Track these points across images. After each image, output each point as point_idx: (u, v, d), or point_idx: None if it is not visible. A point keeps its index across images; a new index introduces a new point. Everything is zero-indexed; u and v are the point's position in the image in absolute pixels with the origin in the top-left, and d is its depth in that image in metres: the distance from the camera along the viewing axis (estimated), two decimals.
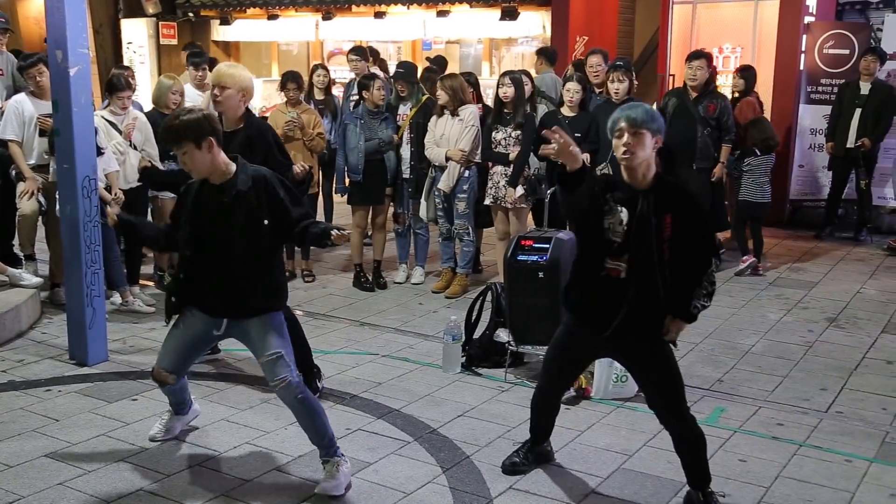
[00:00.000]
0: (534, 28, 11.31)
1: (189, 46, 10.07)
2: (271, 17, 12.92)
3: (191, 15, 13.56)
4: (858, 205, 9.03)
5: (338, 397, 4.85)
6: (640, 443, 4.33)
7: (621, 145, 3.41)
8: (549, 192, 6.29)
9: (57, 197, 5.53)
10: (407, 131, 7.08)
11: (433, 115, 6.88)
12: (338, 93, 8.77)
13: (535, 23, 11.25)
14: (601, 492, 3.86)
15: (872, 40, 9.35)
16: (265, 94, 12.49)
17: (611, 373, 4.82)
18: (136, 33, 13.62)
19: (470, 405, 4.78)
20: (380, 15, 11.96)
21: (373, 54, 9.52)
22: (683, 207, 3.49)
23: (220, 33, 13.64)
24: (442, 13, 11.62)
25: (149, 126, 6.55)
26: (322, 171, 7.90)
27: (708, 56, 7.50)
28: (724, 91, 8.29)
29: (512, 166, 6.58)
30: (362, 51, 8.58)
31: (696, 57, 7.43)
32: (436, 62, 9.21)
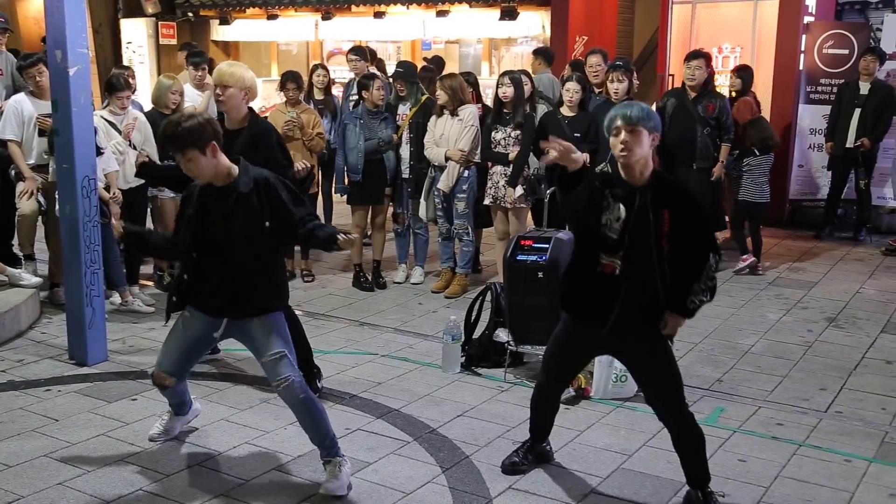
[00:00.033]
0: (533, 28, 11.31)
1: (186, 46, 10.05)
2: (271, 16, 12.91)
3: (190, 15, 13.55)
4: (858, 205, 9.04)
5: (337, 397, 4.85)
6: (639, 443, 4.33)
7: (618, 143, 3.43)
8: (548, 191, 6.29)
9: (56, 197, 5.53)
10: (406, 131, 7.08)
11: (433, 115, 6.88)
12: (337, 93, 8.76)
13: (535, 23, 11.24)
14: (601, 491, 3.86)
15: (872, 40, 9.35)
16: (265, 93, 12.46)
17: (610, 373, 4.83)
18: (135, 33, 13.62)
19: (469, 405, 4.79)
20: (379, 15, 11.96)
21: (370, 55, 9.50)
22: (681, 203, 3.50)
23: (219, 33, 13.64)
24: (441, 13, 11.61)
25: (148, 126, 6.55)
26: (322, 171, 7.90)
27: (706, 56, 7.50)
28: (721, 91, 8.28)
29: (511, 166, 6.58)
30: (362, 51, 8.57)
31: (695, 57, 7.44)
32: (433, 62, 9.21)
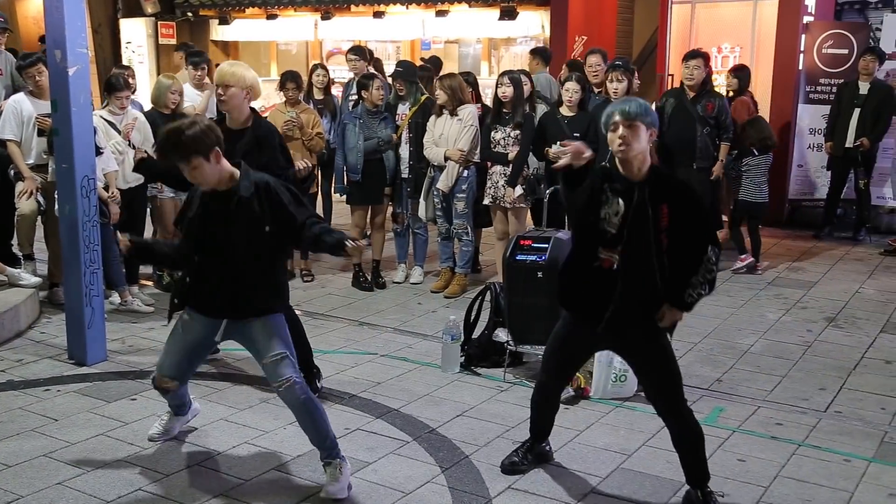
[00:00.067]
0: (533, 28, 11.31)
1: (182, 47, 10.06)
2: (270, 16, 12.91)
3: (189, 15, 13.55)
4: (857, 204, 9.04)
5: (337, 397, 4.85)
6: (638, 442, 4.33)
7: (617, 138, 3.45)
8: (547, 191, 6.29)
9: (56, 196, 5.53)
10: (406, 131, 7.08)
11: (432, 115, 6.88)
12: (337, 92, 8.76)
13: (534, 22, 11.24)
14: (600, 491, 3.86)
15: (871, 40, 9.35)
16: (264, 93, 12.43)
17: (609, 372, 4.83)
18: (134, 33, 13.62)
19: (469, 405, 4.79)
20: (379, 15, 11.96)
21: (368, 54, 9.49)
22: (679, 197, 3.52)
23: (218, 33, 13.63)
24: (441, 13, 11.61)
25: (148, 126, 6.55)
26: (321, 171, 7.89)
27: (704, 55, 7.50)
28: (719, 91, 8.28)
29: (511, 166, 6.58)
30: (361, 50, 8.56)
31: (693, 56, 7.43)
32: (430, 62, 9.21)
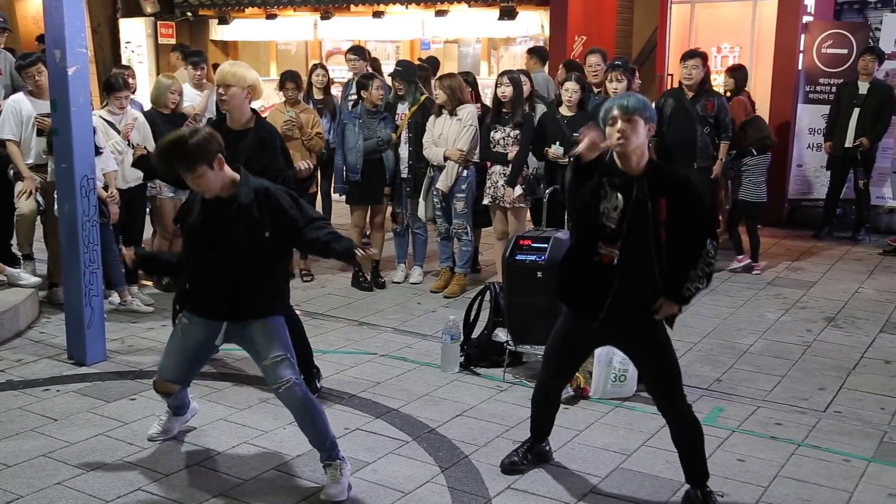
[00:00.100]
0: (532, 27, 11.30)
1: (178, 47, 10.06)
2: (270, 16, 12.89)
3: (189, 14, 13.53)
4: (857, 204, 9.04)
5: (336, 397, 4.85)
6: (638, 442, 4.33)
7: (615, 132, 3.45)
8: (547, 191, 6.29)
9: (55, 196, 5.53)
10: (405, 131, 7.08)
11: (431, 115, 6.88)
12: (336, 92, 8.76)
13: (534, 22, 11.24)
14: (600, 491, 3.86)
15: (871, 40, 9.35)
16: (264, 93, 12.44)
17: (609, 372, 4.83)
18: (134, 33, 13.61)
19: (468, 405, 4.79)
20: (378, 14, 11.95)
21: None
22: (677, 190, 3.52)
23: (218, 33, 13.62)
24: (440, 13, 11.60)
25: (147, 126, 6.55)
26: (321, 171, 7.89)
27: (702, 55, 7.49)
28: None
29: (510, 166, 6.58)
30: (361, 50, 8.55)
31: (691, 56, 7.43)
32: (427, 62, 9.21)
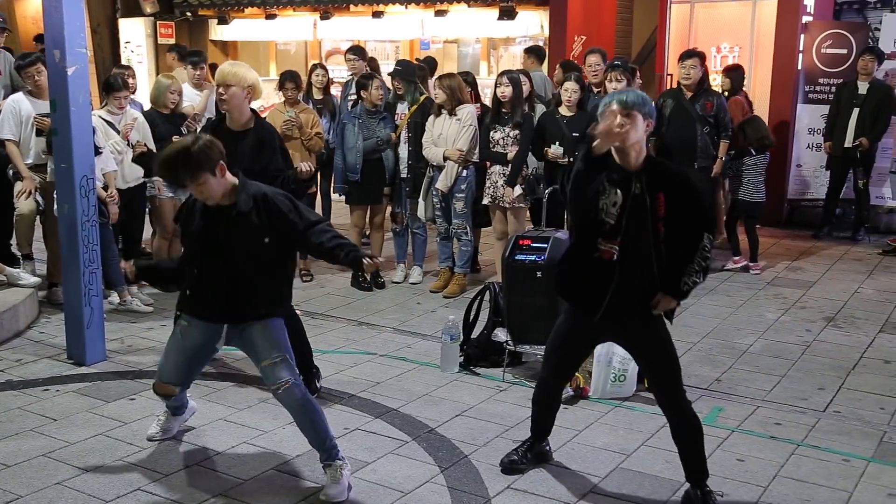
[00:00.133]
0: (532, 27, 11.30)
1: (175, 48, 10.06)
2: (269, 16, 12.90)
3: (188, 14, 13.54)
4: (856, 204, 9.04)
5: (336, 397, 4.85)
6: (637, 442, 4.33)
7: (615, 124, 3.43)
8: (546, 191, 6.29)
9: (55, 196, 5.53)
10: (405, 131, 7.08)
11: (431, 115, 6.88)
12: (336, 92, 8.76)
13: (534, 22, 11.24)
14: (599, 491, 3.86)
15: (870, 40, 9.36)
16: (263, 93, 12.43)
17: (609, 372, 4.83)
18: (133, 33, 13.61)
19: (468, 405, 4.79)
20: (378, 14, 11.95)
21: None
22: (675, 185, 3.53)
23: (217, 33, 13.62)
24: (440, 13, 11.61)
25: (147, 126, 6.55)
26: (320, 171, 7.89)
27: (700, 55, 7.49)
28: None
29: (510, 166, 6.58)
30: (360, 50, 8.56)
31: (689, 56, 7.43)
32: (425, 62, 9.22)
